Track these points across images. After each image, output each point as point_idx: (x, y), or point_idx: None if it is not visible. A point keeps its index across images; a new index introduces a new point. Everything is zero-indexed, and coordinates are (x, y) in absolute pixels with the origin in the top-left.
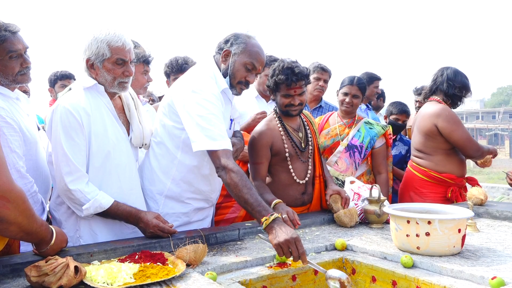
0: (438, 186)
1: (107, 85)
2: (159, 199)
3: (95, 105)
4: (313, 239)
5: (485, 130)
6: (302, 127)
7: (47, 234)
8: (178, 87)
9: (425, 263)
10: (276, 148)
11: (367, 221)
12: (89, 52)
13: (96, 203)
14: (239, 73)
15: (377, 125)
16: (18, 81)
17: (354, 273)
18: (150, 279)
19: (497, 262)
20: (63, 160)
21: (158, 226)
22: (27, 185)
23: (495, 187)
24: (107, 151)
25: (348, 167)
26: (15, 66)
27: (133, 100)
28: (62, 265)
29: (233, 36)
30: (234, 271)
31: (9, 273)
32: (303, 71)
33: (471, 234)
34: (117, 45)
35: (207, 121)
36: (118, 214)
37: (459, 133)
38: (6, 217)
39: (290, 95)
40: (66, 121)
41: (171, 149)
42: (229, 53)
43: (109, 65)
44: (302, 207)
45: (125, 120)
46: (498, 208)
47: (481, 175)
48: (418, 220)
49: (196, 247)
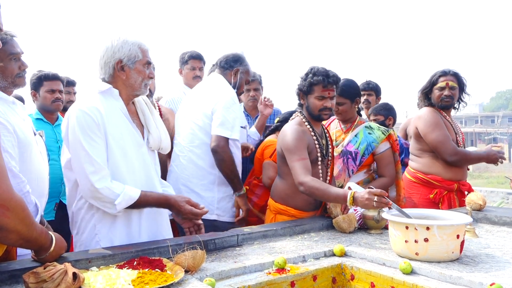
0: (424, 188)
1: (136, 86)
2: (213, 187)
3: (109, 108)
4: (311, 245)
5: (484, 134)
6: (324, 135)
7: (46, 241)
8: (211, 97)
9: (424, 269)
10: (309, 149)
11: (366, 226)
12: (120, 54)
13: (126, 196)
14: (242, 87)
15: (378, 129)
16: (16, 83)
17: (352, 279)
18: (149, 285)
19: (496, 268)
20: (86, 161)
21: (191, 212)
22: (20, 185)
23: (495, 192)
24: (123, 152)
25: (340, 174)
26: (14, 68)
27: (147, 105)
28: (61, 271)
29: (240, 58)
30: (232, 277)
31: (7, 279)
32: (337, 75)
33: (470, 240)
34: (145, 48)
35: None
36: (149, 203)
37: (433, 135)
38: (6, 226)
39: (324, 97)
40: (83, 122)
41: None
42: (238, 71)
43: (140, 67)
44: (314, 211)
45: (139, 124)
46: (497, 213)
47: (481, 180)
48: (417, 226)
49: (195, 253)
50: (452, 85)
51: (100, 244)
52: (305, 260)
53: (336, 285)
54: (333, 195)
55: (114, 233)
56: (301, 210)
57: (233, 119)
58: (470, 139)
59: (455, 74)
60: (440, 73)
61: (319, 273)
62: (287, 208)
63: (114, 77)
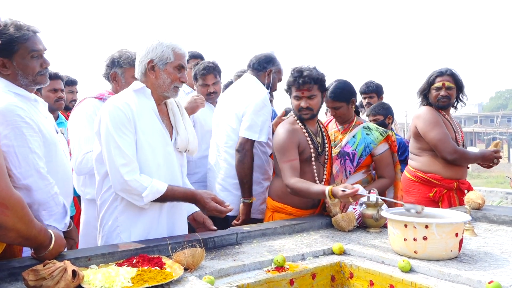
0: (424, 186)
1: (164, 87)
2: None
3: (141, 106)
4: (311, 243)
5: (483, 134)
6: (320, 132)
7: (46, 239)
8: (243, 100)
9: (423, 267)
10: (301, 148)
11: (365, 225)
12: (152, 54)
13: (153, 188)
14: (275, 86)
15: (376, 130)
16: (37, 82)
17: (351, 277)
18: (148, 283)
19: (494, 266)
20: (116, 153)
21: (216, 209)
22: (47, 187)
23: (494, 191)
24: (151, 149)
25: (337, 174)
26: (36, 66)
27: (178, 107)
28: (60, 269)
29: (272, 58)
30: (231, 275)
31: (7, 277)
32: (313, 74)
33: (468, 238)
34: (180, 52)
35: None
36: (175, 196)
37: (432, 134)
38: (5, 224)
39: (299, 97)
40: (116, 117)
41: None
42: (271, 71)
43: (170, 69)
44: (312, 210)
45: (168, 125)
46: (495, 212)
47: (480, 179)
48: (416, 224)
49: (194, 251)
50: (448, 85)
51: (120, 236)
52: (304, 258)
53: (335, 283)
54: (315, 192)
55: (135, 227)
56: (298, 208)
57: (262, 122)
58: (470, 139)
59: (451, 74)
60: (437, 73)
61: (318, 271)
62: (284, 206)
63: (145, 76)
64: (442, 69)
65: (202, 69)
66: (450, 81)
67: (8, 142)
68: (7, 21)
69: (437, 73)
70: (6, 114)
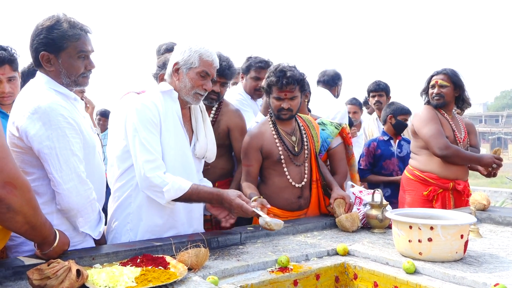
0: (420, 185)
1: (184, 91)
2: None
3: (166, 107)
4: (315, 244)
5: (488, 134)
6: (298, 131)
7: (50, 234)
8: (330, 109)
9: (427, 269)
10: (266, 151)
11: (369, 226)
12: (179, 57)
13: (175, 185)
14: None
15: (331, 124)
16: (78, 83)
17: (356, 278)
18: (152, 283)
19: (499, 269)
20: (141, 150)
21: (241, 207)
22: (87, 192)
23: (498, 192)
24: (171, 152)
25: None
26: (81, 67)
27: (201, 113)
28: (64, 268)
29: (340, 75)
30: (235, 275)
31: (11, 275)
32: (296, 75)
33: (473, 240)
34: (207, 59)
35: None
36: (200, 196)
37: (424, 130)
38: (13, 204)
39: (281, 98)
40: (143, 114)
41: None
42: (340, 85)
43: (193, 74)
44: (299, 211)
45: (189, 130)
46: (501, 213)
47: (484, 179)
48: (421, 226)
49: (198, 251)
50: (441, 83)
51: (130, 233)
52: (308, 259)
53: (339, 284)
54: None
55: (146, 225)
56: (284, 210)
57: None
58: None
59: (447, 73)
60: (434, 72)
61: (322, 272)
62: (271, 207)
63: (171, 77)
64: (440, 69)
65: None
66: (444, 79)
67: (50, 144)
68: (60, 17)
69: (434, 72)
70: (49, 113)
